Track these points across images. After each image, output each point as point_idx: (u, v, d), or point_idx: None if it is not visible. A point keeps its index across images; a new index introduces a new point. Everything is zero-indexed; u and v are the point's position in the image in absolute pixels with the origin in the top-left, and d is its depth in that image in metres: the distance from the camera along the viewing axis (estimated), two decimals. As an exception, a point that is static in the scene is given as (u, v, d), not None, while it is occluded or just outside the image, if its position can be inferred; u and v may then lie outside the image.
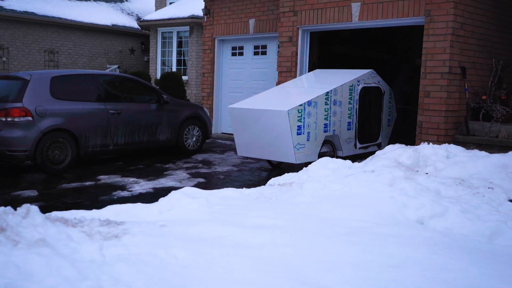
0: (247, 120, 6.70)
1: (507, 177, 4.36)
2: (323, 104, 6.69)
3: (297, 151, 6.32)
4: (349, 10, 7.87)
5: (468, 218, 3.59)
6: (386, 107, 7.92)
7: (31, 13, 16.15)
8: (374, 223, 3.61)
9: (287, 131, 6.20)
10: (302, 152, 6.42)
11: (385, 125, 7.96)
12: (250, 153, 6.90)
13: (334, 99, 6.86)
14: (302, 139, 6.39)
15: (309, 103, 6.46)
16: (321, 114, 6.68)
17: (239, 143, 6.92)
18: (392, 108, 8.13)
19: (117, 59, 18.97)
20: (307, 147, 6.48)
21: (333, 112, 6.88)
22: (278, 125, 6.29)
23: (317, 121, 6.63)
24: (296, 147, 6.30)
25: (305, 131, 6.43)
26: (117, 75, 9.14)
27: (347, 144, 7.26)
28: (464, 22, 6.91)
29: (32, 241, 2.58)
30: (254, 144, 6.73)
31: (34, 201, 5.33)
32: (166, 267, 2.68)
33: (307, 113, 6.42)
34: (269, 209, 4.00)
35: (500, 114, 6.87)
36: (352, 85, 7.18)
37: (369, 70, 7.54)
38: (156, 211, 3.94)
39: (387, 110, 7.95)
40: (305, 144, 6.45)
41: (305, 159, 6.46)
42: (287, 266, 2.83)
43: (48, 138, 6.72)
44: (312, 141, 6.58)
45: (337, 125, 7.01)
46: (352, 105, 7.24)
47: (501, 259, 3.05)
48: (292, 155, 6.32)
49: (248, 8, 10.30)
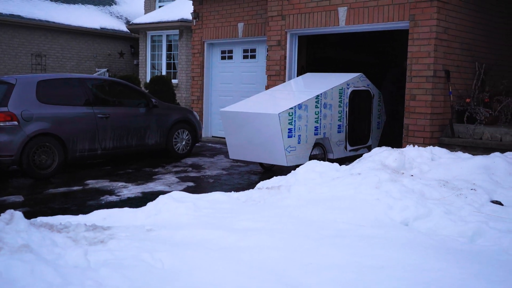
0: (238, 123, 6.74)
1: (489, 178, 4.43)
2: (314, 107, 6.76)
3: (288, 153, 6.37)
4: (336, 14, 7.96)
5: (451, 219, 3.64)
6: (376, 110, 8.01)
7: (17, 16, 16.04)
8: (359, 225, 3.65)
9: (278, 134, 6.26)
10: (293, 154, 6.47)
11: (374, 128, 8.05)
12: (241, 156, 6.94)
13: (324, 102, 6.93)
14: (293, 142, 6.45)
15: (300, 106, 6.52)
16: (312, 117, 6.75)
17: (231, 146, 6.97)
18: (382, 111, 8.23)
19: (106, 63, 18.90)
20: (298, 150, 6.54)
21: (324, 115, 6.95)
22: (269, 128, 6.34)
23: (308, 124, 6.69)
24: (287, 150, 6.35)
25: (296, 134, 6.48)
26: (105, 79, 9.11)
27: (338, 147, 7.34)
28: (447, 27, 7.02)
29: (15, 247, 2.57)
30: (246, 147, 6.77)
31: (19, 206, 5.29)
32: (151, 271, 2.69)
33: (298, 116, 6.48)
34: (256, 212, 4.02)
35: (484, 116, 6.98)
36: (342, 88, 7.26)
37: (359, 74, 7.63)
38: (143, 215, 3.95)
39: (376, 113, 8.04)
40: (296, 146, 6.50)
41: (296, 162, 6.51)
42: (272, 269, 2.85)
43: (35, 143, 6.68)
44: (303, 144, 6.64)
45: (328, 128, 7.08)
46: (342, 108, 7.31)
47: (482, 259, 3.09)
48: (283, 158, 6.37)
49: (236, 12, 10.34)
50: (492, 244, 3.38)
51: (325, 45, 11.11)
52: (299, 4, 8.43)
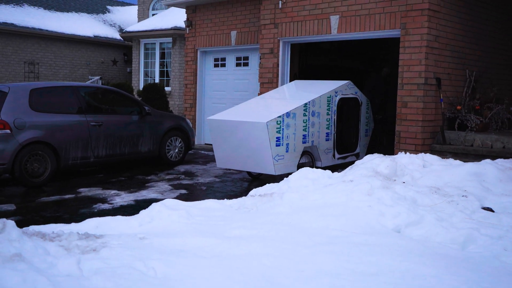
0: (226, 132, 6.69)
1: (480, 185, 4.47)
2: (302, 116, 6.74)
3: (276, 162, 6.33)
4: (328, 22, 8.02)
5: (442, 226, 3.67)
6: (364, 117, 8.01)
7: (10, 24, 16.01)
8: (351, 232, 3.66)
9: (266, 143, 6.22)
10: (281, 163, 6.43)
11: (362, 135, 8.03)
12: (229, 164, 6.88)
13: (312, 110, 6.91)
14: (281, 151, 6.41)
15: (288, 114, 6.48)
16: (300, 126, 6.72)
17: (218, 155, 6.91)
18: (370, 119, 8.22)
19: (99, 70, 18.88)
20: (286, 158, 6.50)
21: (312, 123, 6.93)
22: (257, 136, 6.29)
23: (296, 132, 6.65)
24: (275, 159, 6.31)
25: (284, 143, 6.44)
26: (98, 87, 9.11)
27: (326, 155, 7.31)
28: (438, 35, 7.10)
29: (7, 256, 2.56)
30: (233, 155, 6.71)
31: (11, 215, 5.26)
32: (144, 279, 2.68)
33: (286, 124, 6.44)
34: (249, 220, 4.02)
35: (475, 123, 7.05)
36: (330, 96, 7.24)
37: (347, 82, 7.60)
38: (136, 223, 3.94)
39: (364, 120, 8.04)
40: (284, 155, 6.47)
41: (284, 170, 6.48)
42: (265, 276, 2.85)
43: (27, 151, 6.65)
44: (291, 152, 6.60)
45: (316, 136, 7.05)
46: (330, 116, 7.30)
47: (472, 266, 3.12)
48: (271, 167, 6.33)
49: (229, 20, 10.40)
50: (483, 250, 3.40)
51: (318, 53, 11.19)
52: (292, 12, 8.50)
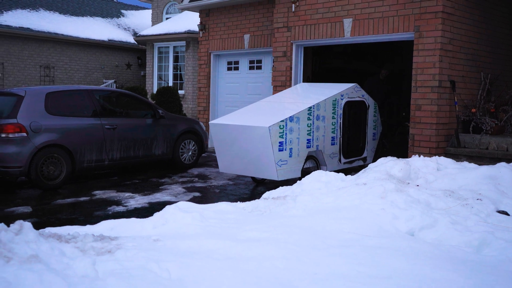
0: (228, 136, 6.57)
1: (495, 188, 4.42)
2: (306, 120, 6.60)
3: (279, 167, 6.19)
4: (341, 25, 8.01)
5: (457, 229, 3.64)
6: (371, 121, 7.85)
7: (26, 29, 16.29)
8: (365, 235, 3.65)
9: (268, 148, 6.08)
10: (284, 168, 6.29)
11: (370, 139, 7.88)
12: (232, 169, 6.77)
13: (317, 114, 6.78)
14: (284, 156, 6.27)
15: (291, 118, 6.35)
16: (304, 130, 6.58)
17: (221, 159, 6.81)
18: (377, 122, 8.06)
19: (113, 74, 19.09)
20: (289, 164, 6.36)
21: (316, 127, 6.80)
22: (259, 141, 6.17)
23: (300, 137, 6.51)
24: (278, 164, 6.17)
25: (287, 147, 6.30)
26: (112, 91, 9.22)
27: (331, 159, 7.16)
28: (452, 38, 7.05)
29: (24, 257, 2.59)
30: (236, 160, 6.59)
31: (28, 217, 5.35)
32: (158, 281, 2.69)
33: (289, 129, 6.31)
34: (262, 222, 4.02)
35: (490, 126, 6.98)
36: (335, 99, 7.10)
37: (353, 84, 7.46)
38: (150, 225, 3.95)
39: (372, 124, 7.88)
40: (288, 160, 6.32)
41: (287, 176, 6.35)
42: (278, 279, 2.85)
43: (43, 154, 6.76)
44: (295, 157, 6.46)
45: (321, 140, 6.90)
46: (336, 120, 7.15)
47: (487, 269, 3.09)
48: (274, 172, 6.18)
49: (243, 24, 10.45)
50: (498, 254, 3.37)
51: (331, 56, 11.17)
52: (305, 15, 8.50)
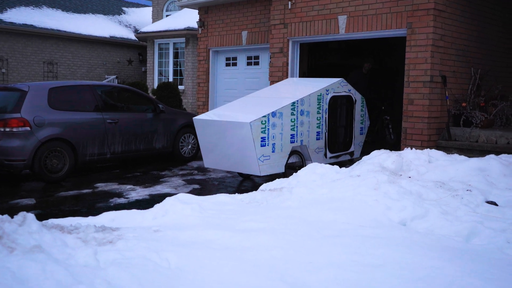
0: (211, 132, 6.57)
1: (485, 179, 4.50)
2: (289, 115, 6.55)
3: (261, 163, 6.15)
4: (336, 22, 8.10)
5: (447, 219, 3.73)
6: (358, 115, 7.78)
7: (30, 26, 16.36)
8: (358, 226, 3.72)
9: (250, 143, 6.05)
10: (267, 164, 6.25)
11: (357, 134, 7.81)
12: (216, 164, 6.76)
13: (301, 109, 6.72)
14: (267, 151, 6.23)
15: (274, 114, 6.30)
16: (287, 125, 6.53)
17: (205, 155, 6.81)
18: (365, 116, 7.99)
19: (115, 70, 19.17)
20: (272, 159, 6.32)
21: (300, 122, 6.73)
22: (241, 137, 6.15)
23: (283, 132, 6.46)
24: (260, 159, 6.14)
25: (269, 143, 6.26)
26: (114, 86, 9.31)
27: (317, 154, 7.09)
28: (443, 34, 7.15)
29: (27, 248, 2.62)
30: (220, 155, 6.59)
31: (31, 209, 5.44)
32: (158, 270, 2.75)
33: (272, 124, 6.26)
34: (259, 213, 4.06)
35: (480, 120, 7.09)
36: (320, 94, 7.03)
37: (339, 79, 7.41)
38: (150, 217, 3.99)
39: (359, 118, 7.80)
40: (270, 155, 6.29)
41: (270, 171, 6.34)
42: (273, 268, 2.92)
43: (46, 148, 6.86)
44: (278, 153, 6.42)
45: (305, 135, 6.84)
46: (321, 115, 7.09)
47: (476, 257, 3.17)
48: (256, 167, 6.15)
49: (240, 21, 10.53)
50: (487, 243, 3.44)
51: (327, 52, 11.25)
52: (301, 13, 8.59)
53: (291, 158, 6.72)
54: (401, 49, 7.95)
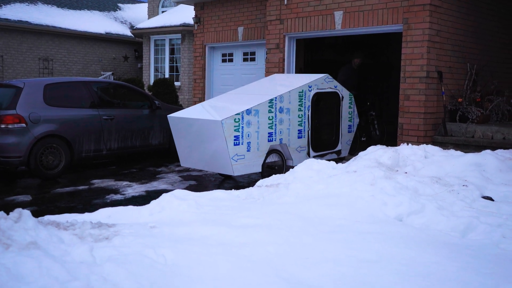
0: (185, 130, 6.38)
1: (480, 175, 4.53)
2: (267, 112, 6.28)
3: (235, 162, 5.91)
4: (332, 18, 8.09)
5: (443, 214, 3.74)
6: (346, 112, 7.50)
7: (25, 22, 16.27)
8: (355, 221, 3.74)
9: (222, 142, 5.83)
10: (242, 163, 6.01)
11: (344, 132, 7.54)
12: (191, 164, 6.54)
13: (280, 106, 6.45)
14: (241, 150, 5.98)
15: (248, 111, 6.04)
16: (264, 123, 6.27)
17: (180, 154, 6.60)
18: (353, 114, 7.70)
19: (111, 66, 19.11)
20: (247, 158, 6.07)
21: (280, 120, 6.46)
22: (213, 135, 5.94)
23: (260, 130, 6.20)
24: (234, 159, 5.90)
25: (244, 141, 6.00)
26: (109, 82, 9.28)
27: (299, 153, 6.80)
28: (439, 29, 7.16)
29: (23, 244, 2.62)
30: (194, 154, 6.39)
31: (27, 205, 5.42)
32: (154, 266, 2.75)
33: (246, 122, 6.02)
34: (256, 209, 4.07)
35: (476, 115, 7.12)
36: (302, 91, 6.75)
37: (324, 75, 7.16)
38: (147, 213, 4.00)
39: (346, 115, 7.52)
40: (245, 155, 6.04)
41: (245, 171, 6.11)
42: (269, 263, 2.93)
43: (42, 144, 6.84)
44: (254, 152, 6.15)
45: (285, 133, 6.56)
46: (303, 112, 6.80)
47: (472, 252, 3.19)
48: (229, 167, 5.91)
49: (236, 17, 10.51)
50: (483, 238, 3.47)
51: (323, 48, 11.23)
52: (297, 8, 8.58)
53: (270, 157, 6.47)
54: (397, 44, 7.95)
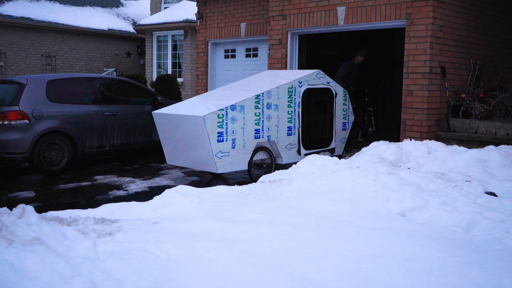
0: (170, 127, 6.24)
1: (484, 170, 4.51)
2: (253, 108, 6.10)
3: (218, 159, 5.75)
4: (335, 13, 8.06)
5: (446, 210, 3.73)
6: (340, 109, 7.27)
7: (27, 19, 16.28)
8: (358, 217, 3.73)
9: (204, 138, 5.68)
10: (226, 160, 5.86)
11: (339, 129, 7.30)
12: (177, 161, 6.40)
13: (267, 102, 6.26)
14: (225, 147, 5.83)
15: (233, 107, 5.87)
16: (251, 119, 6.09)
17: (166, 151, 6.47)
18: (348, 111, 7.47)
19: (113, 63, 19.11)
20: (232, 155, 5.91)
21: (267, 116, 6.28)
22: (196, 132, 5.80)
23: (245, 127, 6.03)
24: (218, 156, 5.75)
25: (228, 138, 5.85)
26: (112, 78, 9.29)
27: (288, 151, 6.61)
28: (442, 25, 7.13)
29: (26, 240, 2.63)
30: (179, 152, 6.26)
31: (31, 201, 5.44)
32: (157, 261, 2.76)
33: (231, 118, 5.86)
34: (258, 205, 4.08)
35: (479, 111, 7.10)
36: (291, 86, 6.55)
37: (315, 70, 6.97)
38: (149, 209, 4.01)
39: (340, 112, 7.29)
40: (230, 152, 5.88)
41: (230, 168, 5.96)
42: (272, 259, 2.93)
43: (45, 140, 6.85)
44: (239, 149, 5.99)
45: (273, 130, 6.37)
46: (293, 108, 6.60)
47: (476, 248, 3.18)
48: (213, 164, 5.76)
49: (239, 13, 10.48)
50: (486, 233, 3.46)
51: (326, 43, 11.19)
52: (299, 4, 8.55)
53: (258, 155, 6.31)
54: (400, 39, 7.90)
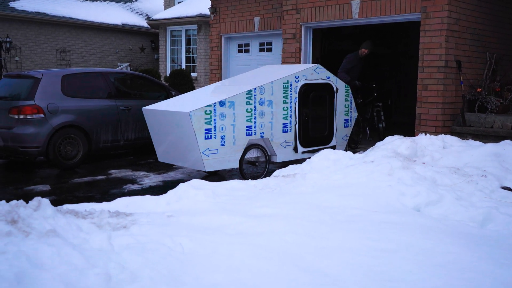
0: (159, 124, 6.11)
1: (500, 165, 4.46)
2: (244, 104, 5.88)
3: (206, 157, 5.56)
4: (349, 7, 7.99)
5: (462, 204, 3.70)
6: (341, 105, 7.01)
7: (42, 14, 16.45)
8: (372, 211, 3.72)
9: (191, 135, 5.51)
10: (215, 158, 5.66)
11: (340, 126, 7.04)
12: (168, 159, 6.25)
13: (260, 98, 6.03)
14: (214, 144, 5.63)
15: (222, 103, 5.66)
16: (242, 116, 5.86)
17: (157, 148, 6.37)
18: (351, 107, 7.19)
19: (127, 57, 19.23)
20: (221, 153, 5.71)
21: (260, 112, 6.05)
22: (182, 128, 5.63)
23: (236, 123, 5.82)
24: (205, 153, 5.55)
25: (217, 135, 5.64)
26: (126, 73, 9.34)
27: (284, 149, 6.38)
28: (458, 18, 7.03)
29: (42, 232, 2.65)
30: (169, 149, 6.13)
31: (46, 195, 5.51)
32: (171, 254, 2.77)
33: (220, 114, 5.65)
34: (272, 199, 4.09)
35: (495, 105, 6.99)
36: (287, 81, 6.29)
37: (314, 65, 6.77)
38: (164, 202, 4.05)
39: (342, 109, 7.04)
40: (219, 149, 5.68)
41: (220, 166, 5.76)
42: (286, 253, 2.93)
43: (60, 134, 6.93)
44: (229, 146, 5.78)
45: (267, 127, 6.14)
46: (289, 105, 6.34)
47: (491, 243, 3.15)
48: (200, 162, 5.57)
49: (253, 7, 10.45)
50: (502, 228, 3.43)
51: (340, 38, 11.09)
52: (314, -3, 8.50)
53: (251, 153, 6.11)
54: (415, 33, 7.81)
